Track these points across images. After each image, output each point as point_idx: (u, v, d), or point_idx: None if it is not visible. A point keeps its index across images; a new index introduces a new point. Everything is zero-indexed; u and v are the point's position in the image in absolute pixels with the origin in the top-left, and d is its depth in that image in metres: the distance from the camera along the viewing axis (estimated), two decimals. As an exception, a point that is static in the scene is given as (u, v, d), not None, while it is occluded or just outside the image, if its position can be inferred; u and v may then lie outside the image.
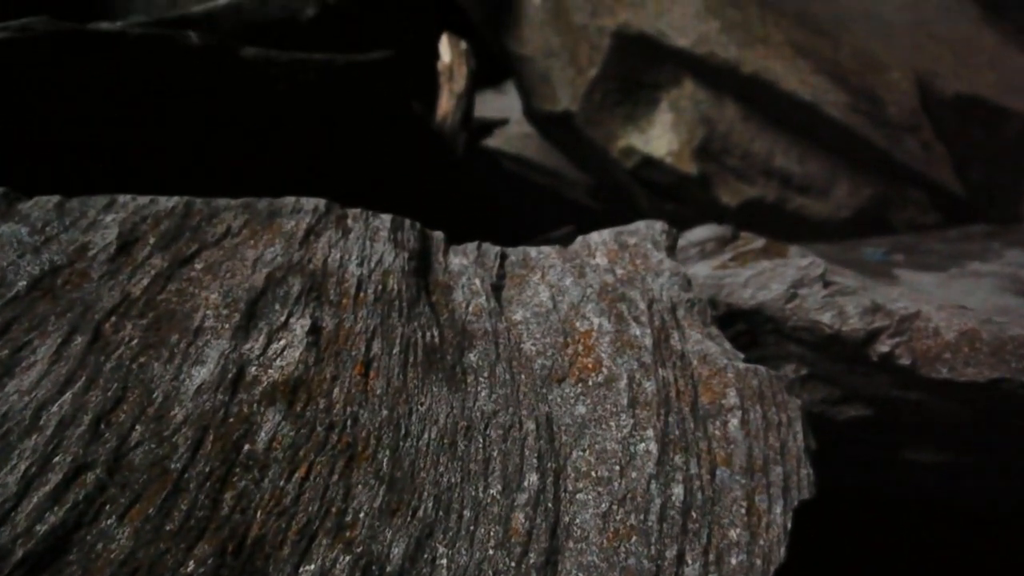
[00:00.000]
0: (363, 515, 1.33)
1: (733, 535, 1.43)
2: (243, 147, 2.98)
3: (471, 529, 1.37)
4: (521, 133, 6.22)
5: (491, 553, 1.34)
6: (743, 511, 1.47)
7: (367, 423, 1.44)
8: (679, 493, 1.47)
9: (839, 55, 5.07)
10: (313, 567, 1.25)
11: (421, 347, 1.61)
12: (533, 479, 1.45)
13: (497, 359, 1.65)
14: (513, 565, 1.33)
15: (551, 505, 1.43)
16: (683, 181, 5.00)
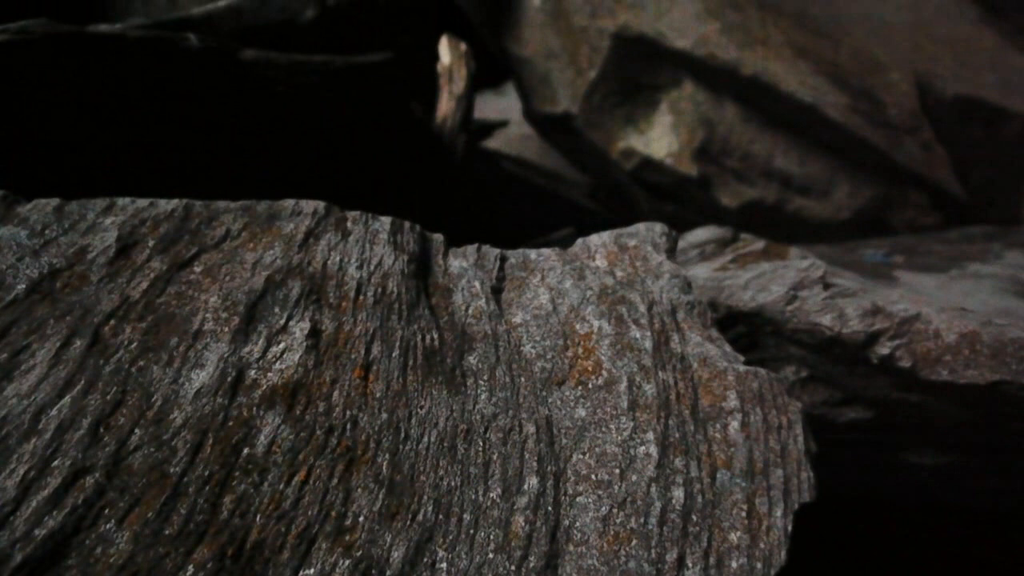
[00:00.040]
0: (363, 519, 1.32)
1: (734, 538, 1.43)
2: (242, 149, 2.98)
3: (471, 533, 1.36)
4: (521, 134, 6.22)
5: (491, 557, 1.34)
6: (743, 514, 1.47)
7: (367, 426, 1.44)
8: (679, 496, 1.47)
9: (839, 56, 5.07)
10: (313, 571, 1.25)
11: (421, 350, 1.61)
12: (533, 482, 1.45)
13: (497, 362, 1.65)
14: (513, 569, 1.33)
15: (551, 508, 1.42)
16: (683, 182, 4.99)
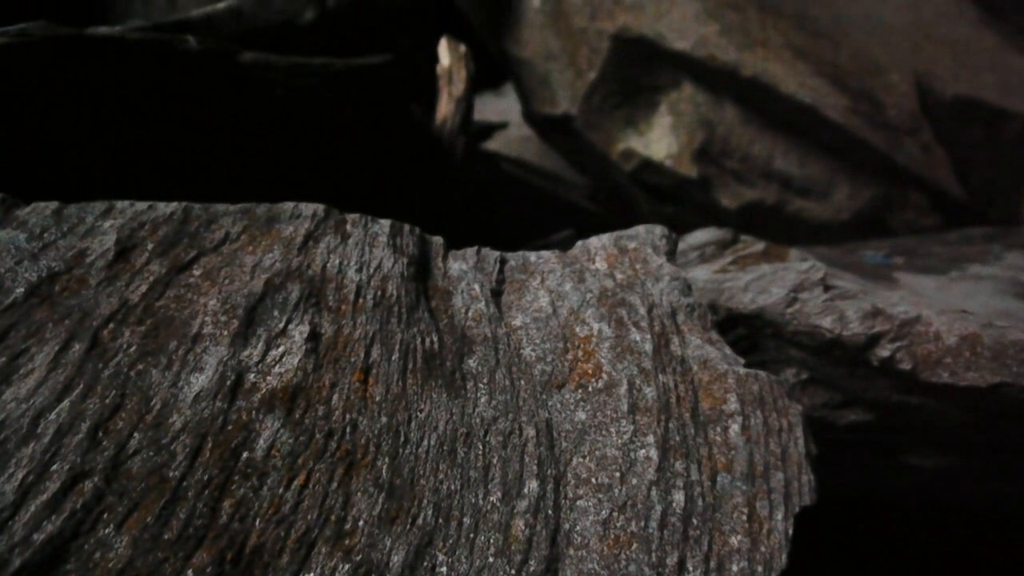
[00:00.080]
0: (362, 523, 1.32)
1: (734, 542, 1.43)
2: (242, 151, 2.98)
3: (471, 537, 1.36)
4: (520, 136, 6.21)
5: (491, 561, 1.34)
6: (744, 517, 1.46)
7: (366, 430, 1.44)
8: (680, 499, 1.47)
9: (838, 58, 5.07)
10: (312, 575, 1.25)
11: (420, 353, 1.61)
12: (533, 486, 1.45)
13: (497, 365, 1.65)
14: (513, 573, 1.33)
15: (551, 512, 1.42)
16: (683, 184, 4.99)
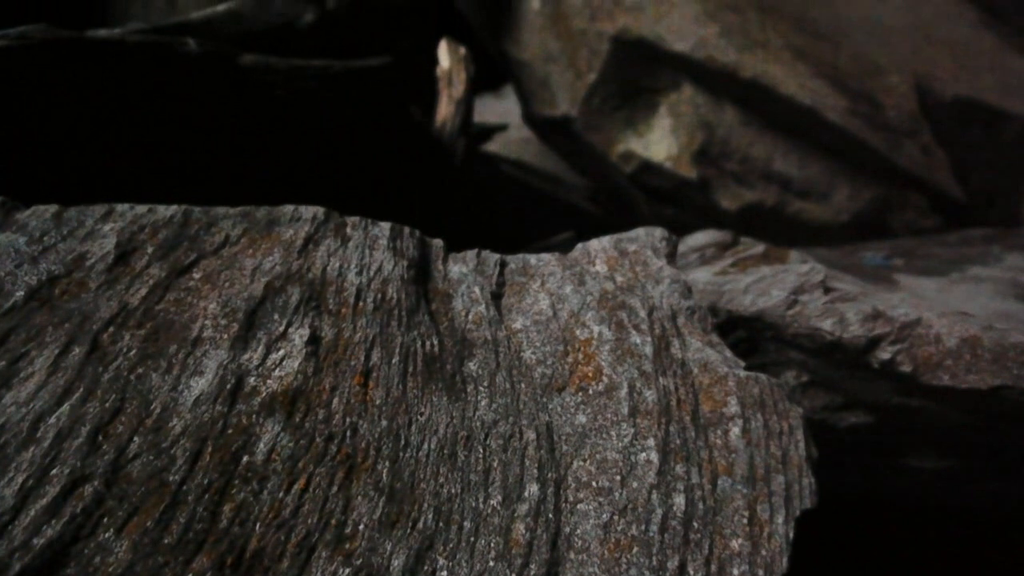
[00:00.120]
0: (363, 527, 1.32)
1: (735, 545, 1.43)
2: (242, 154, 2.98)
3: (471, 540, 1.36)
4: (520, 138, 6.21)
5: (492, 565, 1.33)
6: (745, 521, 1.46)
7: (366, 434, 1.44)
8: (680, 503, 1.47)
9: (838, 59, 5.07)
10: (312, 580, 1.24)
11: (421, 356, 1.61)
12: (534, 489, 1.45)
13: (497, 368, 1.64)
14: (514, 577, 1.33)
15: (552, 516, 1.42)
16: (682, 185, 4.98)
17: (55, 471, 1.23)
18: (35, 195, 1.68)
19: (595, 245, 2.02)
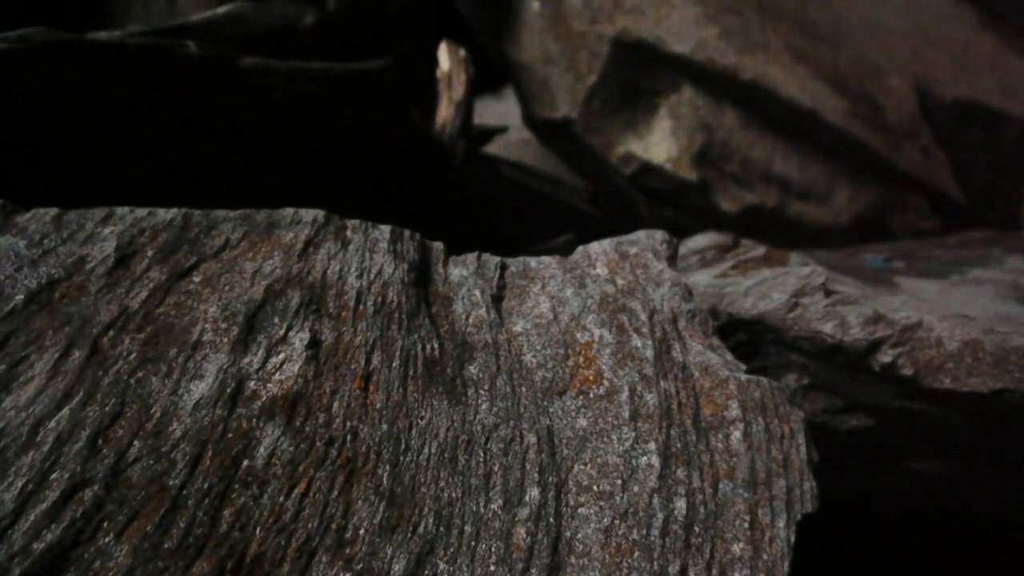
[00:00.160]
0: (363, 531, 1.32)
1: (736, 550, 1.42)
2: (241, 156, 2.98)
3: (472, 545, 1.35)
4: (520, 139, 6.21)
5: (492, 569, 1.33)
6: (746, 525, 1.46)
7: (367, 438, 1.43)
8: (681, 507, 1.46)
9: (838, 61, 5.07)
10: (313, 585, 1.24)
11: (421, 360, 1.60)
12: (534, 493, 1.44)
13: (498, 371, 1.64)
14: (515, 581, 1.32)
15: (552, 520, 1.41)
16: (682, 187, 4.98)
17: (55, 475, 1.23)
18: (35, 198, 1.68)
19: (596, 248, 2.01)
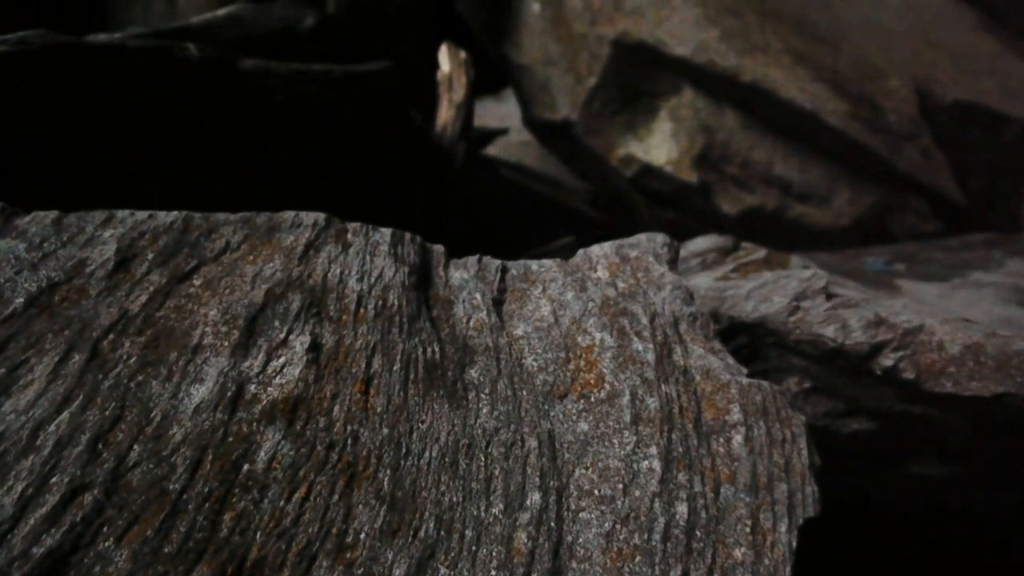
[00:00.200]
0: (364, 536, 1.31)
1: (738, 554, 1.42)
2: (242, 159, 2.97)
3: (473, 550, 1.35)
4: (520, 141, 6.21)
5: (493, 574, 1.33)
6: (748, 530, 1.45)
7: (368, 442, 1.43)
8: (683, 512, 1.46)
9: (838, 63, 5.07)
10: (313, 589, 1.24)
11: (422, 363, 1.60)
12: (535, 498, 1.44)
13: (498, 375, 1.64)
14: (516, 586, 1.32)
15: (554, 524, 1.41)
16: (683, 189, 4.98)
17: (55, 479, 1.22)
18: (35, 201, 1.67)
19: (596, 251, 2.01)
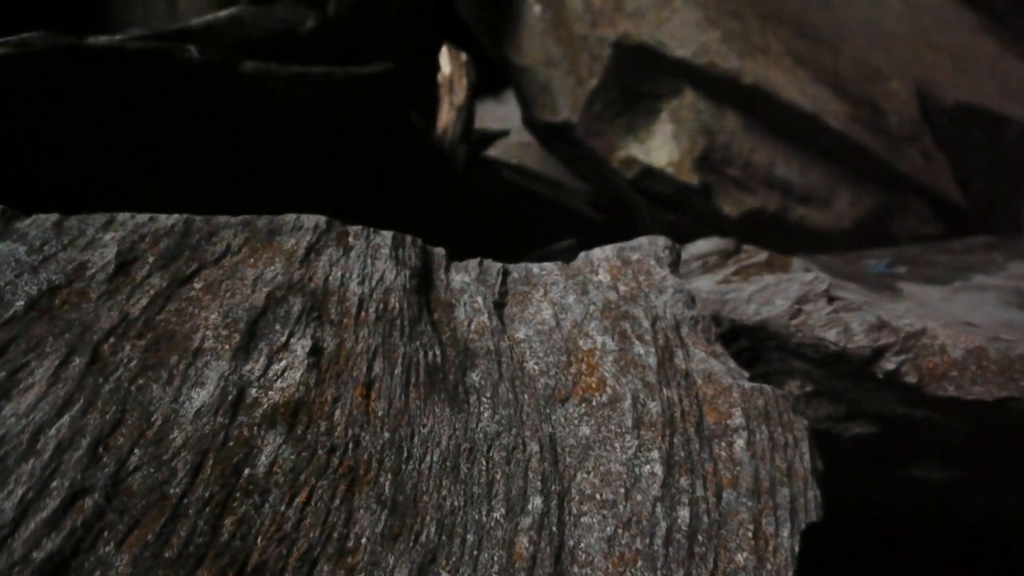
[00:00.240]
0: (365, 540, 1.31)
1: (740, 559, 1.41)
2: (243, 161, 2.97)
3: (474, 554, 1.35)
4: (521, 143, 6.20)
5: (495, 579, 1.32)
6: (750, 534, 1.45)
7: (369, 446, 1.43)
8: (685, 516, 1.45)
9: (839, 65, 5.07)
10: (314, 595, 1.23)
11: (423, 367, 1.59)
12: (537, 502, 1.43)
13: (500, 378, 1.63)
14: (517, 591, 1.31)
15: (555, 529, 1.41)
16: (684, 191, 4.98)
17: (55, 483, 1.22)
18: (36, 203, 1.67)
19: (598, 254, 2.01)
